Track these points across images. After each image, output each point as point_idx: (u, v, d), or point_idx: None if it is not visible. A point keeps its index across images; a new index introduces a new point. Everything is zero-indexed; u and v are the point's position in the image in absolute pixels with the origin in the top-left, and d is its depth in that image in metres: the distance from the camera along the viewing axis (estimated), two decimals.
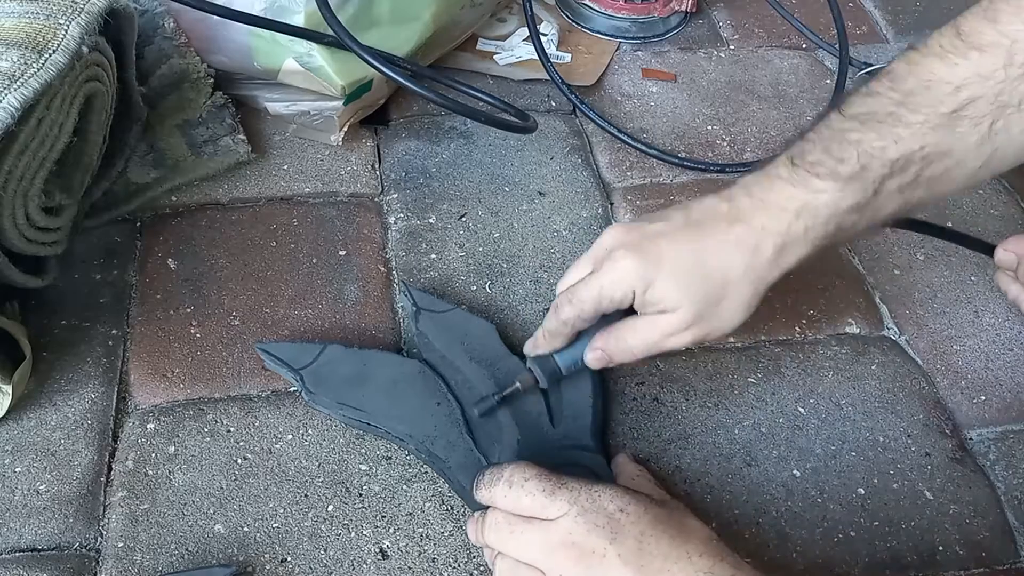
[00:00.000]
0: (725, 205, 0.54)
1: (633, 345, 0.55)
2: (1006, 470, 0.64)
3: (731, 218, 0.53)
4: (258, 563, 0.55)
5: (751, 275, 0.53)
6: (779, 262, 0.53)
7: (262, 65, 0.78)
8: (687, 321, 0.53)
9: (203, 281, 0.71)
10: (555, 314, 0.57)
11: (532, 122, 0.78)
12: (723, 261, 0.52)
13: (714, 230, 0.53)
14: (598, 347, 0.57)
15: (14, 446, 0.59)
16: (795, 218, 0.51)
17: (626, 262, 0.53)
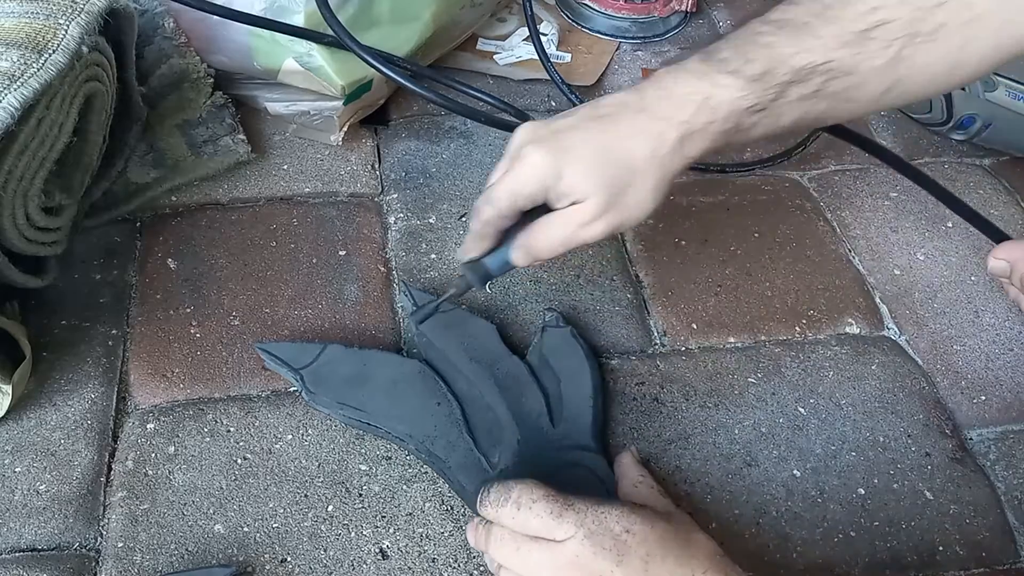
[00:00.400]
0: (634, 96, 0.55)
1: (551, 238, 0.55)
2: (1006, 470, 0.64)
3: (637, 108, 0.54)
4: (258, 563, 0.55)
5: (655, 162, 0.53)
6: (682, 151, 0.53)
7: (262, 65, 0.78)
8: (598, 210, 0.53)
9: (203, 281, 0.71)
10: (476, 216, 0.57)
11: None
12: (628, 149, 0.53)
13: (620, 120, 0.54)
14: (519, 244, 0.57)
15: (14, 446, 0.59)
16: (697, 110, 0.52)
17: (535, 157, 0.54)
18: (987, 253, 0.64)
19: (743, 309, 0.73)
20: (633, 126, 0.54)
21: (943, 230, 0.81)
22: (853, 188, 0.84)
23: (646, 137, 0.53)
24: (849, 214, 0.82)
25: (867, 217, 0.82)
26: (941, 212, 0.82)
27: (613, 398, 0.65)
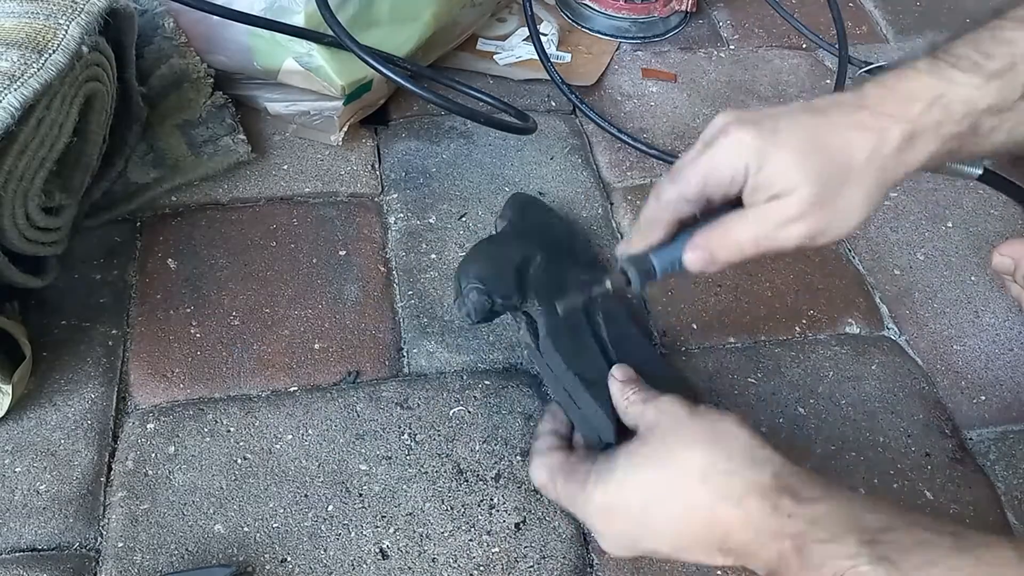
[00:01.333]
0: (852, 94, 0.49)
1: (741, 239, 0.48)
2: (1006, 470, 0.64)
3: (856, 104, 0.48)
4: (258, 563, 0.55)
5: (875, 163, 0.47)
6: (905, 155, 0.47)
7: (262, 65, 0.78)
8: (804, 207, 0.47)
9: (203, 281, 0.71)
10: (654, 197, 0.50)
11: (532, 123, 0.78)
12: (847, 143, 0.47)
13: (837, 113, 0.48)
14: (699, 244, 0.49)
15: (14, 446, 0.59)
16: (927, 108, 0.47)
17: (740, 134, 0.48)
18: (987, 253, 0.64)
19: (743, 309, 0.73)
20: (852, 120, 0.48)
21: (943, 230, 0.81)
22: None
23: (866, 134, 0.47)
24: None
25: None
26: (941, 212, 0.82)
27: None
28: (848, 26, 0.96)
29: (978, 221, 0.82)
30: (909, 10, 1.10)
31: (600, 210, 0.80)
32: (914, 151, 0.47)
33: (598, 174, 0.84)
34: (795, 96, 0.94)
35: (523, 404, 0.64)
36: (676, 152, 0.86)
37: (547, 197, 0.80)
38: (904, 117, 0.47)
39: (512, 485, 0.60)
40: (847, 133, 0.47)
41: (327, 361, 0.66)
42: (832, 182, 0.47)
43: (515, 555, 0.56)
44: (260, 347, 0.67)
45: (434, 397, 0.64)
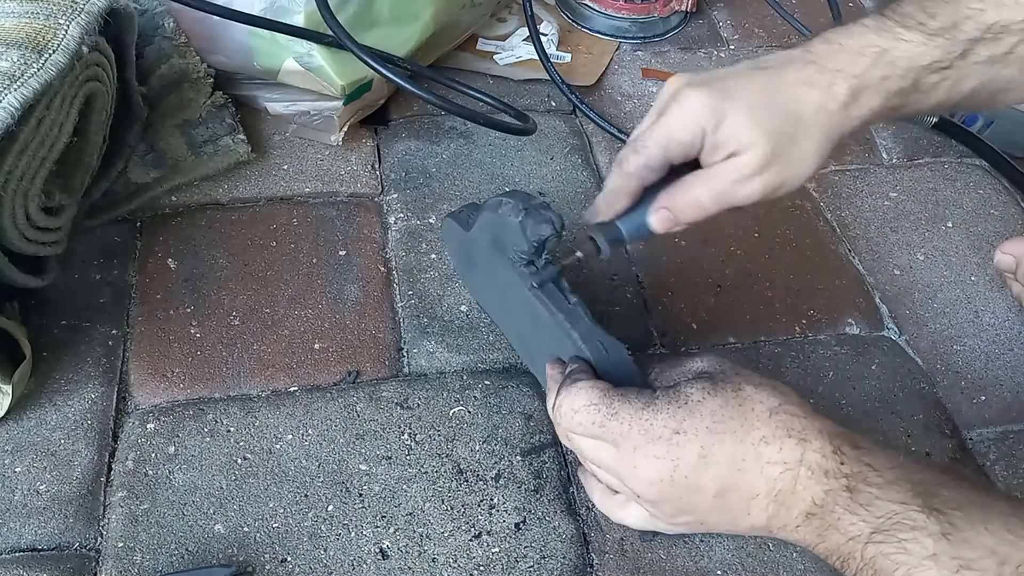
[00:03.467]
0: (799, 50, 0.51)
1: (701, 197, 0.50)
2: (1006, 470, 0.64)
3: (804, 60, 0.50)
4: (258, 563, 0.55)
5: (823, 117, 0.49)
6: (851, 109, 0.49)
7: (262, 65, 0.78)
8: (760, 162, 0.49)
9: (203, 281, 0.71)
10: (618, 168, 0.52)
11: (531, 123, 0.78)
12: (796, 98, 0.49)
13: (785, 71, 0.50)
14: (662, 206, 0.51)
15: (14, 446, 0.59)
16: (872, 63, 0.48)
17: (694, 98, 0.49)
18: (987, 253, 0.64)
19: (743, 309, 0.73)
20: (800, 76, 0.49)
21: (943, 230, 0.81)
22: (853, 188, 0.84)
23: (814, 89, 0.49)
24: (849, 214, 0.82)
25: (867, 217, 0.82)
26: (941, 212, 0.82)
27: None
28: None
29: (978, 221, 0.82)
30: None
31: None
32: (859, 105, 0.49)
33: (598, 174, 0.84)
34: None
35: (523, 404, 0.64)
36: None
37: (547, 197, 0.80)
38: (850, 72, 0.48)
39: (512, 485, 0.60)
40: (796, 89, 0.49)
41: (327, 361, 0.66)
42: (784, 137, 0.48)
43: (515, 555, 0.56)
44: (260, 347, 0.67)
45: (434, 397, 0.64)
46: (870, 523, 0.42)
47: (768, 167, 0.49)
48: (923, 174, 0.86)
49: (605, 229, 0.53)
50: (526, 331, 0.61)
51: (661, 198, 0.52)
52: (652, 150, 0.50)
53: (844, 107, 0.49)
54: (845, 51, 0.49)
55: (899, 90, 0.49)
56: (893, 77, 0.49)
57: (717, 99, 0.49)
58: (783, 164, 0.49)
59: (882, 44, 0.49)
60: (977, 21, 0.48)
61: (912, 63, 0.49)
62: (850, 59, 0.49)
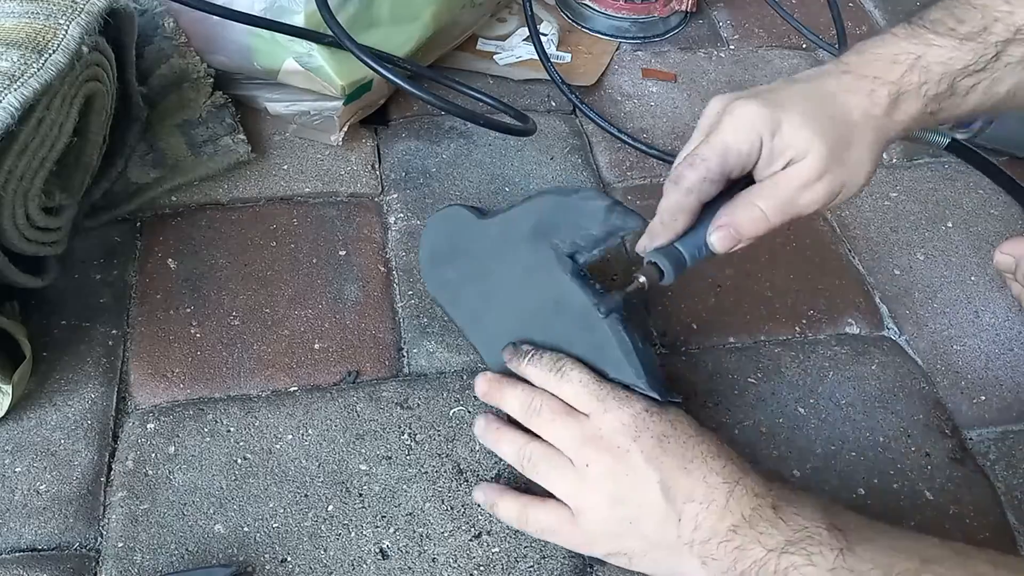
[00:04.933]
0: (833, 64, 0.52)
1: (765, 208, 0.50)
2: (1006, 470, 0.64)
3: (840, 71, 0.51)
4: (258, 563, 0.55)
5: (871, 122, 0.49)
6: (894, 115, 0.50)
7: (262, 65, 0.78)
8: (820, 167, 0.49)
9: (203, 281, 0.71)
10: (674, 187, 0.51)
11: (531, 124, 0.78)
12: (843, 103, 0.49)
13: (823, 81, 0.51)
14: (724, 223, 0.50)
15: (14, 446, 0.59)
16: (908, 70, 0.49)
17: (748, 108, 0.49)
18: (987, 253, 0.64)
19: (743, 309, 0.73)
20: (841, 83, 0.50)
21: (943, 230, 0.81)
22: None
23: (857, 95, 0.49)
24: (849, 214, 0.82)
25: (867, 217, 0.82)
26: (941, 212, 0.82)
27: None
28: (848, 26, 0.96)
29: (978, 221, 0.82)
30: (909, 10, 1.10)
31: None
32: (900, 111, 0.50)
33: (598, 174, 0.84)
34: None
35: None
36: (676, 152, 0.85)
37: None
38: (888, 79, 0.49)
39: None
40: (841, 96, 0.50)
41: (327, 361, 0.66)
42: (841, 141, 0.49)
43: (515, 555, 0.56)
44: (260, 347, 0.67)
45: (434, 397, 0.64)
46: (785, 535, 0.46)
47: (828, 172, 0.49)
48: (923, 174, 0.86)
49: (667, 253, 0.52)
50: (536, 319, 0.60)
51: (721, 215, 0.51)
52: (711, 163, 0.50)
53: (887, 113, 0.49)
54: (880, 59, 0.50)
55: (936, 95, 0.50)
56: (930, 82, 0.49)
57: (771, 108, 0.49)
58: (842, 168, 0.49)
59: (915, 51, 0.49)
60: (1006, 23, 0.49)
61: (947, 68, 0.49)
62: (885, 67, 0.49)
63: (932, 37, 0.50)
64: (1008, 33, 0.49)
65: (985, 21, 0.49)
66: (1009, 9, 0.49)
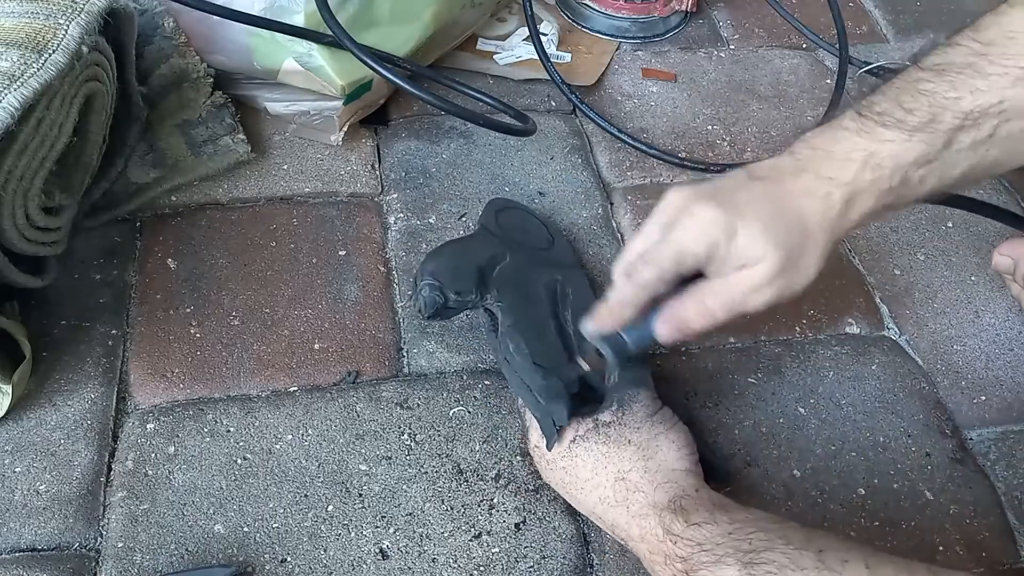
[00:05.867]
0: (788, 159, 0.52)
1: (712, 307, 0.51)
2: (1006, 470, 0.64)
3: (797, 170, 0.51)
4: (258, 563, 0.55)
5: (825, 224, 0.50)
6: (848, 214, 0.50)
7: (262, 65, 0.78)
8: (771, 273, 0.50)
9: (203, 281, 0.71)
10: (627, 281, 0.52)
11: (531, 124, 0.78)
12: (800, 209, 0.50)
13: (782, 182, 0.51)
14: (671, 317, 0.52)
15: (14, 446, 0.59)
16: (861, 168, 0.49)
17: (706, 212, 0.50)
18: (987, 253, 0.64)
19: None
20: (797, 186, 0.50)
21: (943, 230, 0.81)
22: None
23: (813, 199, 0.50)
24: None
25: None
26: (941, 212, 0.82)
27: None
28: (848, 26, 0.96)
29: (978, 221, 0.81)
30: (909, 10, 1.10)
31: (600, 210, 0.80)
32: (854, 211, 0.50)
33: (598, 174, 0.84)
34: (795, 96, 0.94)
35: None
36: (676, 152, 0.86)
37: (547, 197, 0.80)
38: (842, 180, 0.50)
39: (512, 485, 0.60)
40: (799, 200, 0.50)
41: (327, 361, 0.66)
42: (795, 246, 0.50)
43: (515, 555, 0.56)
44: (260, 347, 0.67)
45: (434, 397, 0.64)
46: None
47: (778, 277, 0.50)
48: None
49: (611, 341, 0.54)
50: None
51: (669, 309, 0.52)
52: (665, 264, 0.51)
53: (841, 214, 0.50)
54: (833, 158, 0.50)
55: (889, 188, 0.50)
56: (882, 178, 0.49)
57: (728, 214, 0.49)
58: (792, 273, 0.50)
59: (867, 147, 0.49)
60: (954, 111, 0.48)
61: (898, 161, 0.49)
62: (840, 166, 0.50)
63: (882, 131, 0.49)
64: (957, 120, 0.48)
65: (933, 110, 0.49)
66: (956, 95, 0.48)
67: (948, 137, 0.48)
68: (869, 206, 0.50)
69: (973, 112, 0.48)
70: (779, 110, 0.92)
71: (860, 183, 0.49)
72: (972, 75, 0.48)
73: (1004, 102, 0.48)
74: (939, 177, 0.50)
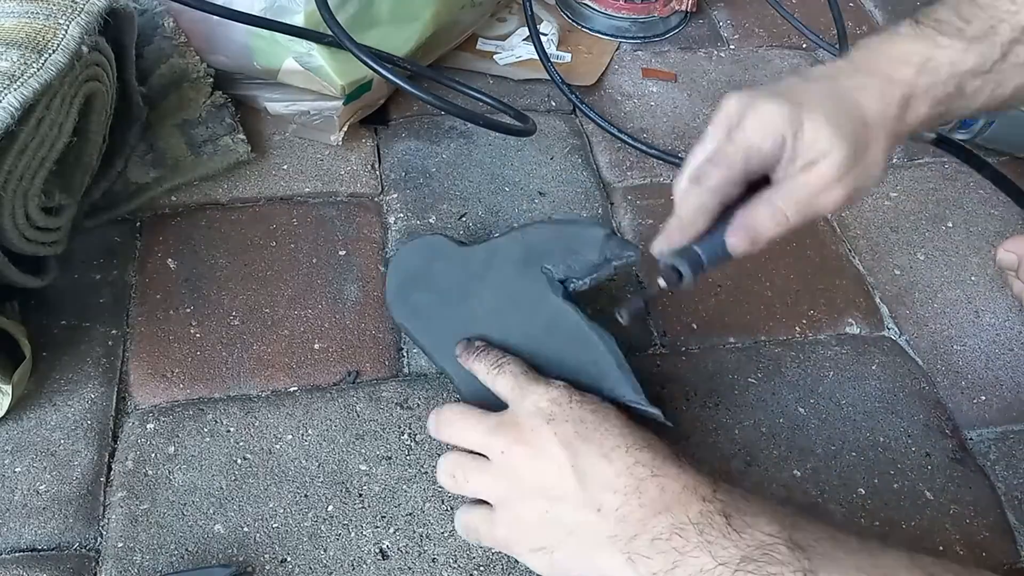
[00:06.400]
0: (843, 62, 0.51)
1: (786, 209, 0.49)
2: (1006, 470, 0.64)
3: (852, 69, 0.50)
4: (258, 563, 0.55)
5: (885, 122, 0.49)
6: (905, 116, 0.50)
7: (262, 65, 0.78)
8: (840, 168, 0.48)
9: (203, 281, 0.71)
10: (696, 187, 0.50)
11: (531, 124, 0.78)
12: (860, 103, 0.49)
13: (838, 80, 0.50)
14: (742, 225, 0.49)
15: (14, 446, 0.59)
16: (917, 72, 0.49)
17: (770, 106, 0.48)
18: (987, 253, 0.64)
19: (743, 309, 0.73)
20: (855, 82, 0.49)
21: (943, 230, 0.81)
22: None
23: (871, 94, 0.49)
24: (849, 214, 0.82)
25: (867, 217, 0.82)
26: (941, 212, 0.82)
27: None
28: (848, 26, 0.96)
29: (978, 221, 0.82)
30: (909, 11, 1.09)
31: (600, 210, 0.80)
32: (911, 113, 0.50)
33: (598, 174, 0.84)
34: None
35: None
36: (676, 152, 0.86)
37: (547, 197, 0.80)
38: (899, 79, 0.49)
39: None
40: (858, 95, 0.49)
41: (327, 361, 0.66)
42: (860, 142, 0.48)
43: None
44: (260, 347, 0.67)
45: (434, 397, 0.64)
46: (741, 549, 0.42)
47: (847, 173, 0.48)
48: (923, 174, 0.86)
49: (686, 255, 0.50)
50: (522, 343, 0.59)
51: (740, 217, 0.50)
52: (736, 163, 0.49)
53: (899, 115, 0.49)
54: (890, 59, 0.50)
55: (944, 96, 0.50)
56: (938, 84, 0.49)
57: (793, 107, 0.48)
58: (860, 169, 0.49)
59: (924, 52, 0.49)
60: (1012, 24, 0.49)
61: (954, 69, 0.49)
62: (895, 67, 0.49)
63: (940, 38, 0.49)
64: (1014, 33, 0.49)
65: (991, 21, 0.49)
66: (1015, 9, 0.49)
67: (1005, 49, 0.49)
68: (924, 111, 0.50)
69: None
70: None
71: (916, 86, 0.49)
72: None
73: None
74: (992, 90, 0.50)
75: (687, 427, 0.64)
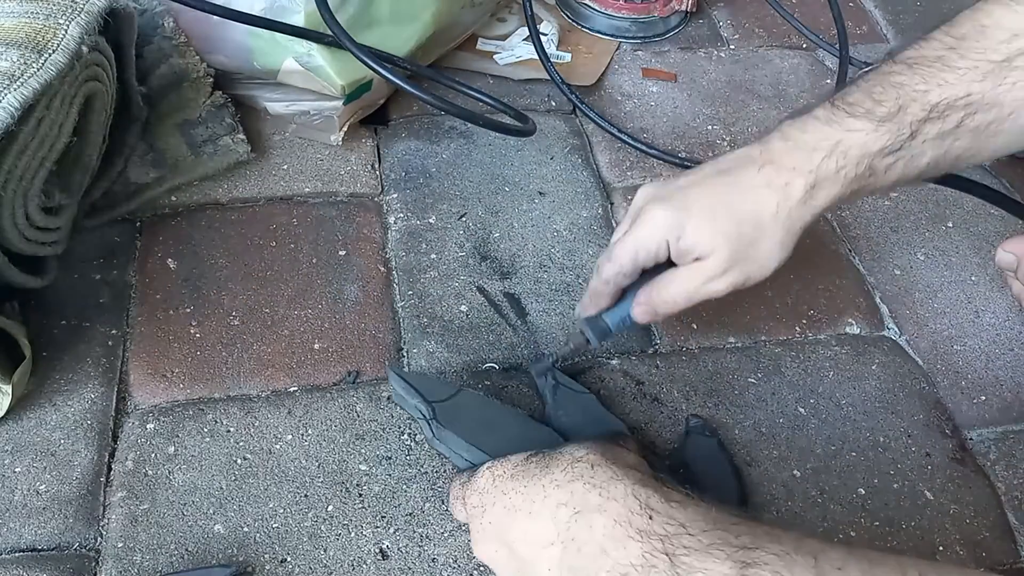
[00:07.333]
0: (757, 150, 0.54)
1: (674, 294, 0.55)
2: (1006, 470, 0.64)
3: (762, 161, 0.53)
4: (258, 563, 0.55)
5: (782, 215, 0.52)
6: (810, 202, 0.52)
7: (262, 65, 0.78)
8: (723, 265, 0.53)
9: (203, 281, 0.71)
10: (597, 274, 0.58)
11: (531, 124, 0.78)
12: (753, 203, 0.52)
13: (743, 174, 0.53)
14: (641, 302, 0.57)
15: (14, 446, 0.59)
16: (826, 156, 0.51)
17: (655, 213, 0.54)
18: (987, 253, 0.64)
19: (743, 309, 0.73)
20: (757, 179, 0.53)
21: (943, 230, 0.81)
22: None
23: (771, 190, 0.52)
24: (849, 214, 0.82)
25: (867, 217, 0.82)
26: (941, 212, 0.82)
27: (612, 399, 0.65)
28: (848, 26, 0.96)
29: (978, 221, 0.82)
30: (909, 10, 1.10)
31: (600, 210, 0.80)
32: (817, 198, 0.52)
33: (598, 174, 0.84)
34: (795, 96, 0.94)
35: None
36: (676, 152, 0.86)
37: (547, 197, 0.80)
38: (805, 168, 0.52)
39: None
40: (754, 193, 0.53)
41: (327, 361, 0.66)
42: (744, 240, 0.53)
43: None
44: (260, 347, 0.67)
45: None
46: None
47: (731, 268, 0.53)
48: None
49: (593, 323, 0.60)
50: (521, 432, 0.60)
51: (640, 294, 0.57)
52: (624, 260, 0.56)
53: (802, 202, 0.52)
54: (800, 148, 0.52)
55: (856, 176, 0.52)
56: (848, 166, 0.51)
57: (677, 212, 0.53)
58: (746, 263, 0.53)
59: (834, 136, 0.51)
60: (922, 102, 0.50)
61: (864, 151, 0.51)
62: (805, 156, 0.52)
63: (850, 121, 0.51)
64: (923, 112, 0.50)
65: (901, 101, 0.50)
66: (925, 88, 0.50)
67: (914, 128, 0.50)
68: (835, 193, 0.52)
69: (940, 104, 0.50)
70: (779, 110, 0.92)
71: (824, 171, 0.51)
72: (941, 68, 0.50)
73: (972, 95, 0.49)
74: (904, 166, 0.52)
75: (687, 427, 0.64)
